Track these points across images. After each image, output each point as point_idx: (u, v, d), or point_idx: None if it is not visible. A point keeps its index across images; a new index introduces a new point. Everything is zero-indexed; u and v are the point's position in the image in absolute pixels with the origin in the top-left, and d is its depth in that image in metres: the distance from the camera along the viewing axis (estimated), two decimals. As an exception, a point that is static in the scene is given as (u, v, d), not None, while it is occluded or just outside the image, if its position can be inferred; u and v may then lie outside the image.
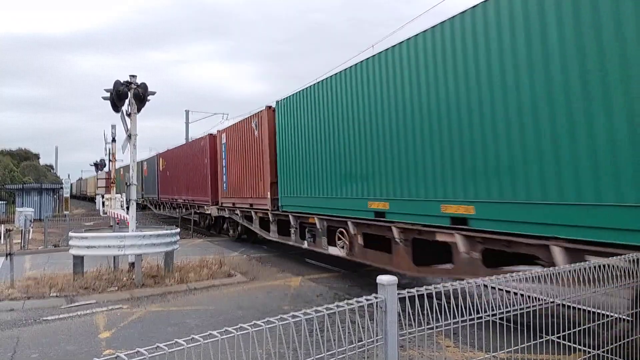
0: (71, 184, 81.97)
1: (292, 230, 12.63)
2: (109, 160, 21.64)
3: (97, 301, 9.18)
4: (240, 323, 2.44)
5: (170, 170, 27.62)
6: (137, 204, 37.57)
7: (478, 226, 6.67)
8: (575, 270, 3.67)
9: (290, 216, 12.62)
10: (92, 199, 53.62)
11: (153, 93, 11.28)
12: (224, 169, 18.12)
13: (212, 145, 19.96)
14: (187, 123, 38.21)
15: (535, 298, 3.51)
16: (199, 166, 21.39)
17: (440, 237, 7.40)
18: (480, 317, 3.19)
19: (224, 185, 18.11)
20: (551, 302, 3.59)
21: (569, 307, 3.89)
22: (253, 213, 15.40)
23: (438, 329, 3.02)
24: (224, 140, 18.23)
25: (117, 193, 20.43)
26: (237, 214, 17.16)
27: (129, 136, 11.47)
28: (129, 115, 11.38)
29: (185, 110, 38.50)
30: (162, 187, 30.02)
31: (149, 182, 33.27)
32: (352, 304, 2.75)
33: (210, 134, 20.64)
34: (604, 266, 3.86)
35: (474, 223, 6.74)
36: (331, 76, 10.48)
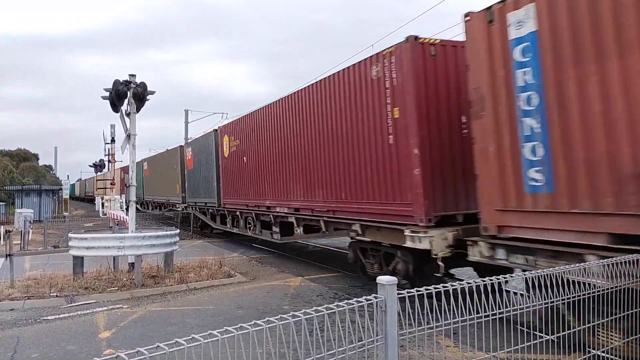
0: (74, 184, 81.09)
1: None
2: (108, 161, 21.66)
3: (97, 301, 9.17)
4: (241, 323, 2.45)
5: (251, 153, 14.98)
6: (179, 213, 26.29)
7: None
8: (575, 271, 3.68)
9: None
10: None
11: (152, 92, 11.28)
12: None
13: (420, 65, 7.92)
14: (186, 122, 38.15)
15: (535, 298, 3.51)
16: (361, 133, 9.32)
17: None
18: (480, 317, 3.19)
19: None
20: (551, 302, 3.60)
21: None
22: None
23: (438, 329, 3.03)
24: (532, 27, 5.90)
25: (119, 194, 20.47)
26: None
27: (128, 136, 11.47)
28: (128, 114, 11.38)
29: (185, 110, 38.42)
30: (228, 186, 17.07)
31: (197, 179, 20.70)
32: (352, 304, 2.75)
33: (414, 38, 7.96)
34: (604, 266, 3.87)
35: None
36: None
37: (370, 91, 8.97)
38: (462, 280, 3.22)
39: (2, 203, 33.06)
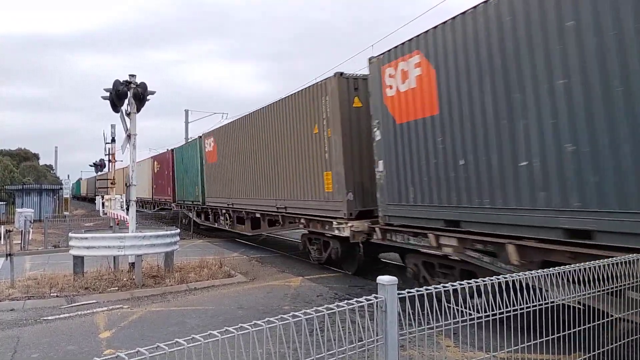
0: (79, 182, 79.67)
1: None
2: (109, 161, 21.61)
3: (97, 301, 9.18)
4: (241, 323, 2.45)
5: None
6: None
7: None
8: (576, 271, 3.68)
9: None
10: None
11: (152, 93, 11.29)
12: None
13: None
14: (186, 123, 38.16)
15: (536, 298, 3.51)
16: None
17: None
18: (480, 317, 3.19)
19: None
20: (551, 303, 3.59)
21: (569, 307, 3.90)
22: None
23: (438, 329, 3.02)
24: None
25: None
26: None
27: (129, 136, 11.48)
28: (128, 115, 11.39)
29: (185, 110, 38.38)
30: None
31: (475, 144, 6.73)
32: (352, 304, 2.75)
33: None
34: (604, 266, 3.87)
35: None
36: None
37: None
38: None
39: (2, 202, 33.07)
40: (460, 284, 3.15)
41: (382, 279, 2.88)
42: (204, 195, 19.62)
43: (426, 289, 2.98)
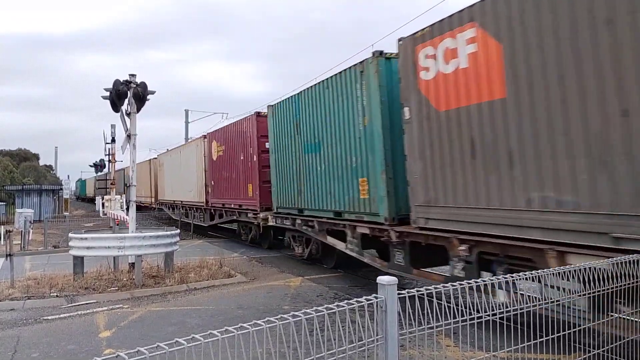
0: (84, 181, 78.93)
1: None
2: (109, 161, 21.57)
3: (97, 301, 9.18)
4: (241, 322, 2.45)
5: None
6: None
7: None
8: (575, 271, 3.68)
9: None
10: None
11: (152, 92, 11.28)
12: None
13: None
14: (186, 122, 38.18)
15: (535, 298, 3.51)
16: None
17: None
18: (480, 317, 3.19)
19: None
20: (551, 302, 3.59)
21: (569, 307, 3.90)
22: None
23: (438, 329, 3.02)
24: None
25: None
26: None
27: (129, 136, 11.47)
28: (128, 114, 11.38)
29: (185, 110, 38.40)
30: None
31: None
32: (352, 304, 2.75)
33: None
34: (603, 267, 3.87)
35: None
36: None
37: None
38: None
39: (2, 203, 33.07)
40: (461, 284, 3.15)
41: (382, 279, 2.88)
42: (395, 198, 8.55)
43: (426, 289, 2.98)
